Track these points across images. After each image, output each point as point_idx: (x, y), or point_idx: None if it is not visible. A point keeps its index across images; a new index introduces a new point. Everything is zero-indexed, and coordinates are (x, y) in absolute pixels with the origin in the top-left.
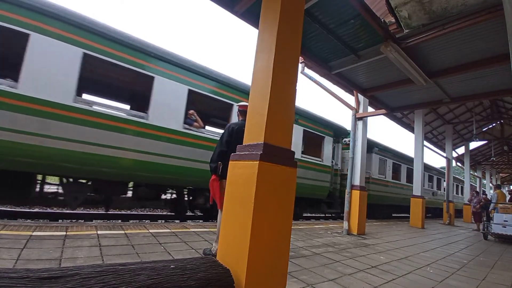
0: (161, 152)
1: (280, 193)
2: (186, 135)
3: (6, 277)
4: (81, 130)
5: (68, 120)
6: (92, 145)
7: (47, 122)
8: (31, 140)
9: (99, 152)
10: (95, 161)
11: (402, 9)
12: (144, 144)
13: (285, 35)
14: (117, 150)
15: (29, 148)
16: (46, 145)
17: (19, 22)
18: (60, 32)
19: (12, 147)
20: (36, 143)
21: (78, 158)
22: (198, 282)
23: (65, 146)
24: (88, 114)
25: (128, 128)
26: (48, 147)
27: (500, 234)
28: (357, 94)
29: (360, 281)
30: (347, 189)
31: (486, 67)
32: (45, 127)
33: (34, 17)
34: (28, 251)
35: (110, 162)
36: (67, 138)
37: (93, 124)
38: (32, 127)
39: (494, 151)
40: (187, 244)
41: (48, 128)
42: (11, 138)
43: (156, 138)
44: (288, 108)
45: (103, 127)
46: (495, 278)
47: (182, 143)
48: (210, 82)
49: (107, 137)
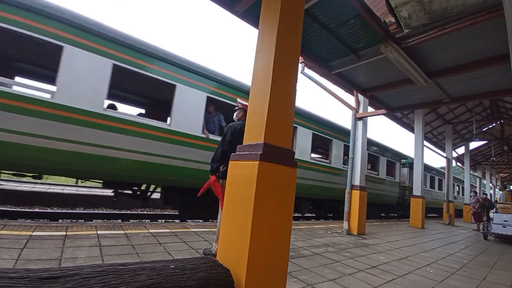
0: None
1: (280, 193)
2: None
3: (6, 277)
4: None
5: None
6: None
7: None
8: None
9: (189, 166)
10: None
11: (402, 9)
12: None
13: (285, 35)
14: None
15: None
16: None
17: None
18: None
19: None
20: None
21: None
22: (198, 282)
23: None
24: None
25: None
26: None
27: (500, 234)
28: (357, 94)
29: (360, 281)
30: (347, 189)
31: (486, 67)
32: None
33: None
34: (28, 251)
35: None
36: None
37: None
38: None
39: (494, 151)
40: (187, 244)
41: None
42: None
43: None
44: (288, 108)
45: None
46: (495, 278)
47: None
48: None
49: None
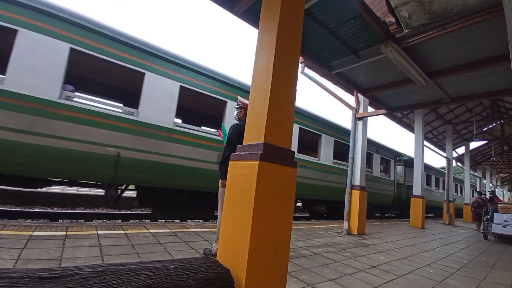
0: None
1: (280, 193)
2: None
3: (6, 277)
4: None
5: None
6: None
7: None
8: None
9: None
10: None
11: (402, 9)
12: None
13: (285, 35)
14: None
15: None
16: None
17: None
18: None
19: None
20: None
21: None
22: (198, 282)
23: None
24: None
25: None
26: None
27: (500, 234)
28: (357, 94)
29: (360, 281)
30: (347, 189)
31: (486, 67)
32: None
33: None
34: (28, 251)
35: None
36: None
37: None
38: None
39: (494, 151)
40: (187, 244)
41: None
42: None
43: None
44: (288, 108)
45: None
46: (495, 278)
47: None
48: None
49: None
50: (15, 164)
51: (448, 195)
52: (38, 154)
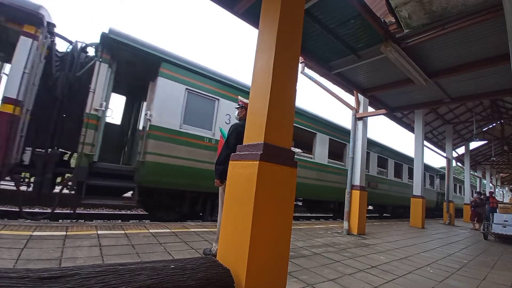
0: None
1: (280, 193)
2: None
3: (6, 277)
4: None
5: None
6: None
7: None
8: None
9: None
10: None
11: (402, 9)
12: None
13: (285, 35)
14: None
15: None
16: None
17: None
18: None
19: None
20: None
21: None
22: (198, 282)
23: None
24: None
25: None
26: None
27: (500, 234)
28: (357, 94)
29: (360, 281)
30: (347, 189)
31: (486, 67)
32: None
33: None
34: (28, 251)
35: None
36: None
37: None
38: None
39: (494, 151)
40: (187, 244)
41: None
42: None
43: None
44: (288, 108)
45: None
46: (495, 278)
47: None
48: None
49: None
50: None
51: (448, 195)
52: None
